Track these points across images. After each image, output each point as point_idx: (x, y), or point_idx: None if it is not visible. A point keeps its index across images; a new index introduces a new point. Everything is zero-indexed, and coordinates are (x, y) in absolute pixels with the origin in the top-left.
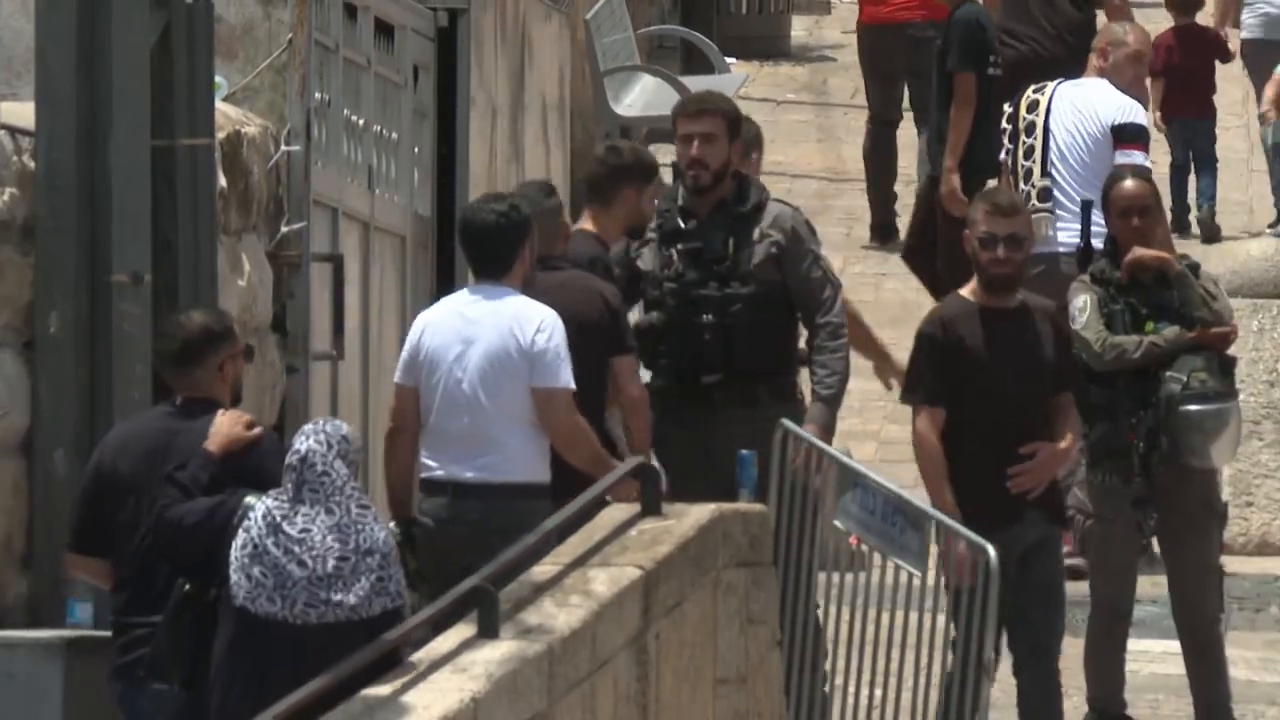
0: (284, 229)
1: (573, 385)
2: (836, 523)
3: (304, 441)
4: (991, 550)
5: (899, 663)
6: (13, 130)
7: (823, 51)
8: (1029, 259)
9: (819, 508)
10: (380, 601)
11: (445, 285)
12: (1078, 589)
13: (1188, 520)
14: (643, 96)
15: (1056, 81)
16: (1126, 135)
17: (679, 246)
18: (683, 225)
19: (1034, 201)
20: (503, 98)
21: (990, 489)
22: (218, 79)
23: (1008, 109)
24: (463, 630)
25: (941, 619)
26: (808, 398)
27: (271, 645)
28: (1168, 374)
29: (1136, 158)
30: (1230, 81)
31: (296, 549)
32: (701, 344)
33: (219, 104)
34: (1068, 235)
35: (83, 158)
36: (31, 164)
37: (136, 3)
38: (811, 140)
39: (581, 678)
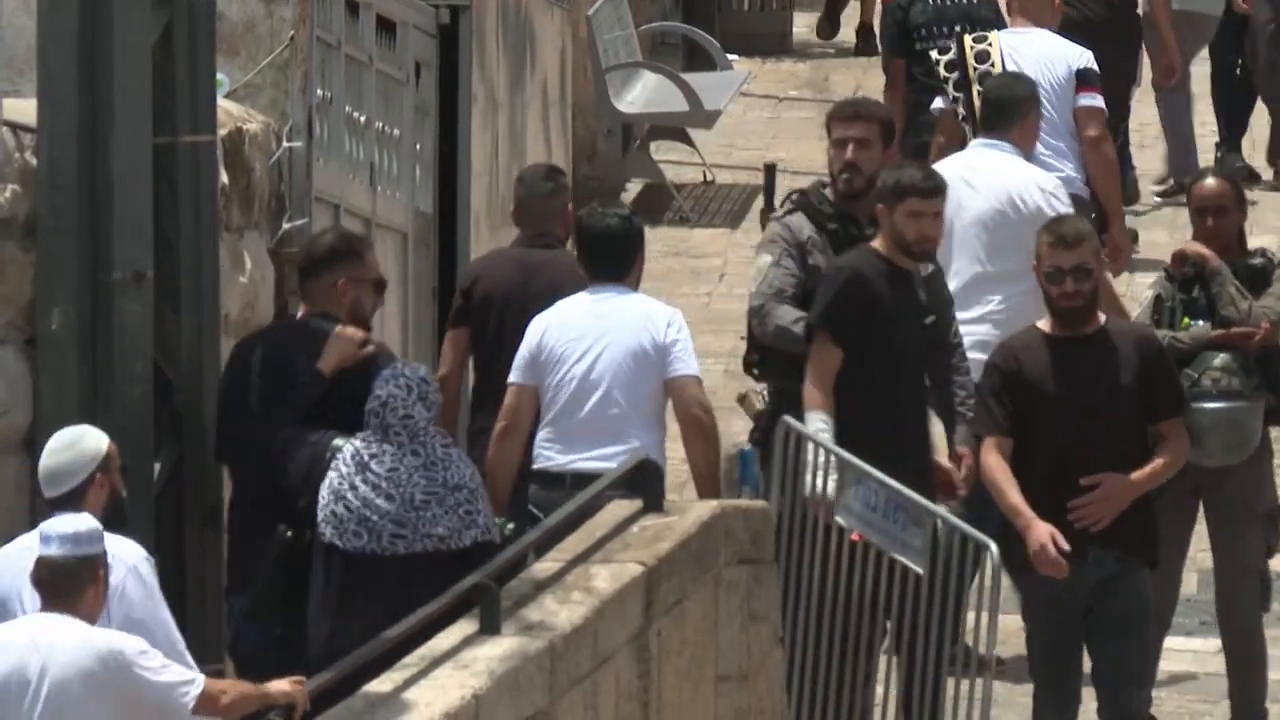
0: (286, 226)
1: (697, 374)
2: (839, 519)
3: (384, 387)
4: (994, 546)
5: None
6: (14, 127)
7: (825, 48)
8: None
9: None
10: (470, 534)
11: (447, 282)
12: None
13: (1223, 518)
14: (644, 93)
15: (993, 32)
16: (1088, 79)
17: None
18: (860, 234)
19: None
20: (504, 94)
21: (1055, 523)
22: (219, 76)
23: (943, 57)
24: (464, 627)
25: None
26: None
27: (363, 580)
28: (1184, 371)
29: (1097, 100)
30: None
31: (384, 484)
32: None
33: (221, 101)
34: (1069, 174)
35: (84, 155)
36: (33, 161)
37: (138, 0)
38: (813, 137)
39: (583, 675)
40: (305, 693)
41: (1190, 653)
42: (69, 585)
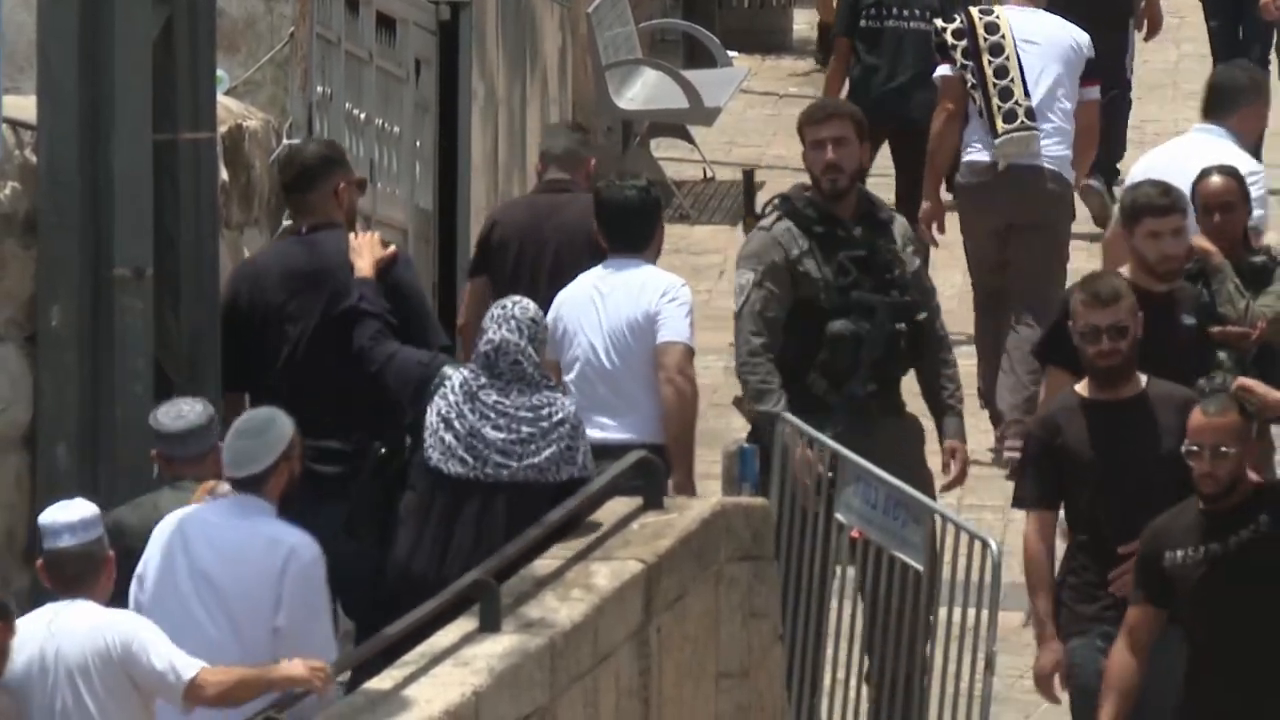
0: (286, 222)
1: (693, 344)
2: (839, 516)
3: (497, 331)
4: (994, 544)
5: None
6: (15, 124)
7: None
8: (1014, 173)
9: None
10: (568, 469)
11: (447, 278)
12: None
13: None
14: (644, 90)
15: (998, 6)
16: (1091, 71)
17: (848, 254)
18: (841, 233)
19: (1022, 119)
20: (504, 91)
21: (1095, 591)
22: (219, 73)
23: (950, 25)
24: (464, 624)
25: (943, 612)
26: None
27: (461, 504)
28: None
29: (1095, 94)
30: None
31: (492, 415)
32: (890, 351)
33: (221, 98)
34: (1051, 146)
35: (85, 152)
36: (33, 158)
37: None
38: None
39: (583, 672)
40: (327, 674)
41: None
42: (81, 573)
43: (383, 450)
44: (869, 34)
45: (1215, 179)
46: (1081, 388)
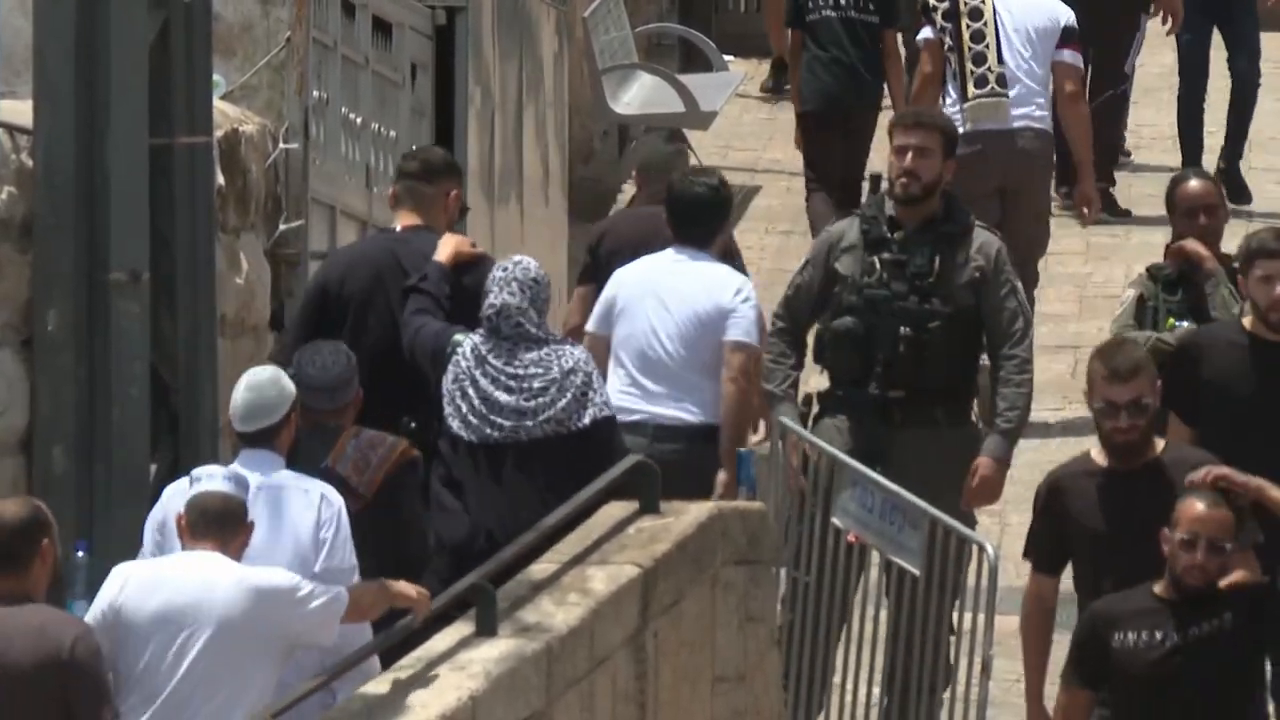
0: (282, 227)
1: (760, 347)
2: (836, 520)
3: (499, 294)
4: (990, 547)
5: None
6: (11, 128)
7: None
8: (985, 138)
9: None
10: (589, 412)
11: None
12: None
13: None
14: (641, 94)
15: None
16: (1070, 36)
17: (883, 256)
18: (889, 235)
19: (993, 85)
20: (500, 96)
21: None
22: (216, 77)
23: None
24: (461, 628)
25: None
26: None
27: (488, 468)
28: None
29: (1077, 58)
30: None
31: (503, 378)
32: (895, 356)
33: (217, 102)
34: (1024, 109)
35: (81, 156)
36: (30, 162)
37: (135, 1)
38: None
39: (580, 676)
40: (427, 599)
41: None
42: (220, 527)
43: (412, 425)
44: (816, 28)
45: (1195, 183)
46: (1097, 454)
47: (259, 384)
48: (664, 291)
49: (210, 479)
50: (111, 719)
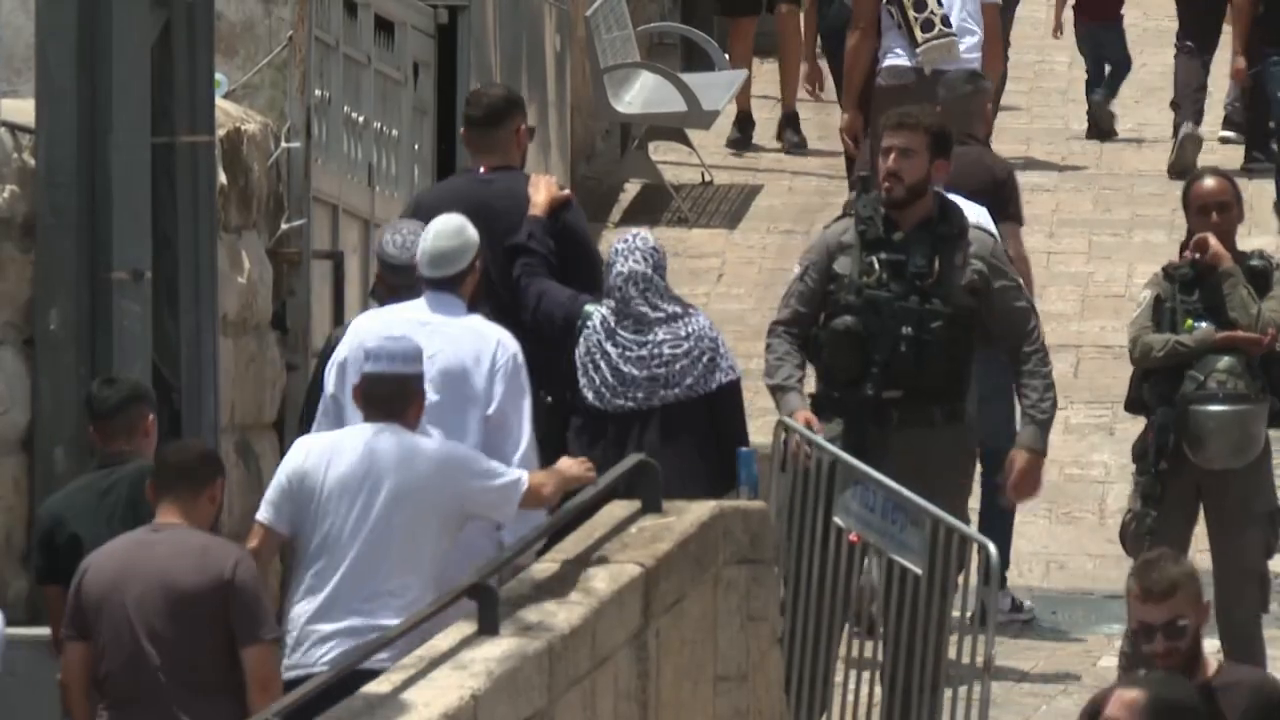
0: (284, 226)
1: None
2: (837, 519)
3: (625, 264)
4: (992, 547)
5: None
6: (13, 127)
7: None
8: (940, 80)
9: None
10: (715, 378)
11: None
12: None
13: (1223, 520)
14: (642, 94)
15: None
16: None
17: (882, 256)
18: (887, 236)
19: (939, 27)
20: None
21: None
22: (218, 76)
23: None
24: (463, 627)
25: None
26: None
27: (621, 434)
28: (1189, 373)
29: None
30: None
31: (632, 350)
32: (895, 356)
33: (219, 101)
34: (967, 51)
35: (83, 155)
36: (32, 161)
37: (137, 0)
38: (812, 137)
39: (582, 675)
40: (593, 471)
41: None
42: (394, 402)
43: (549, 399)
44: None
45: (1209, 181)
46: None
47: (445, 232)
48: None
49: (376, 360)
50: (270, 639)
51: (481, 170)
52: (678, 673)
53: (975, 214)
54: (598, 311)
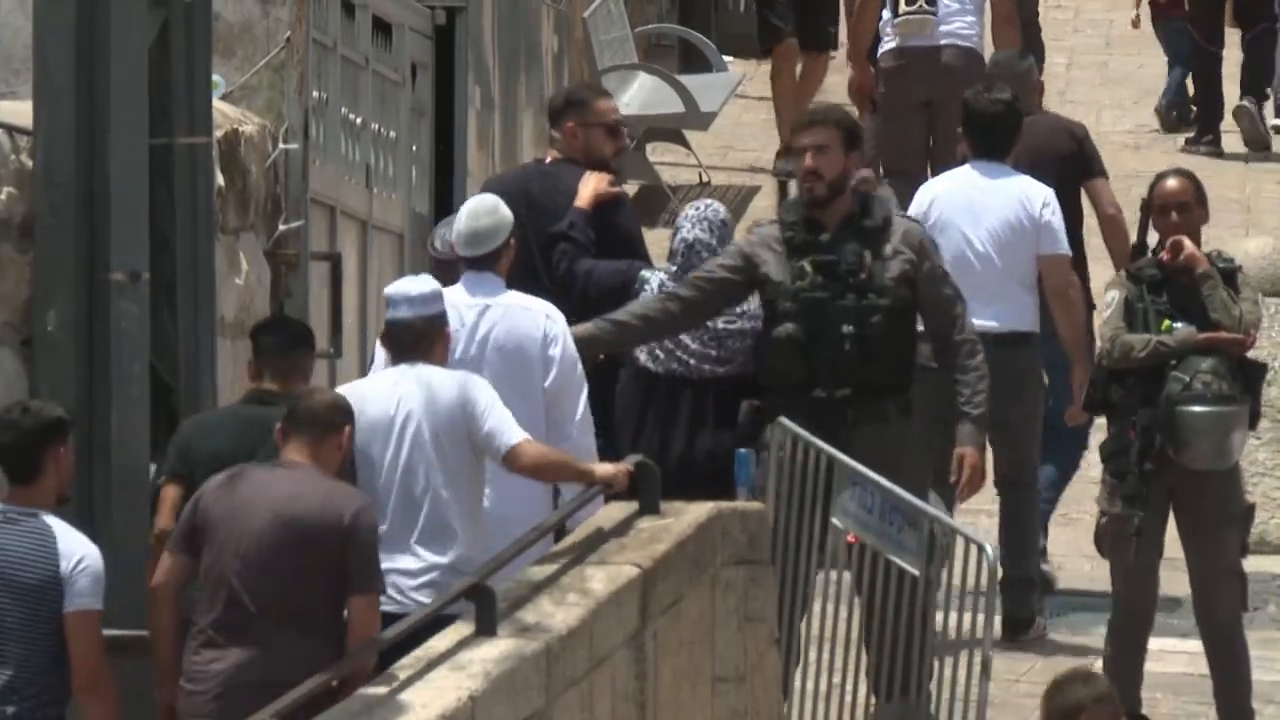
0: (282, 227)
1: (1069, 253)
2: (835, 520)
3: (691, 230)
4: (989, 548)
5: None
6: (10, 129)
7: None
8: (911, 54)
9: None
10: None
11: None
12: None
13: (1201, 521)
14: (640, 95)
15: None
16: None
17: (811, 259)
18: (814, 238)
19: (921, 3)
20: (500, 96)
21: None
22: (216, 77)
23: None
24: (460, 628)
25: (940, 617)
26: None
27: (673, 397)
28: (1172, 374)
29: None
30: None
31: None
32: (840, 355)
33: (217, 102)
34: (947, 29)
35: (81, 156)
36: (29, 162)
37: (135, 1)
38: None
39: (579, 676)
40: (628, 474)
41: (1185, 654)
42: (418, 343)
43: (600, 357)
44: None
45: (1170, 181)
46: None
47: (478, 211)
48: (977, 204)
49: (396, 307)
50: (376, 591)
51: (547, 160)
52: (675, 674)
53: (1043, 193)
54: (655, 275)
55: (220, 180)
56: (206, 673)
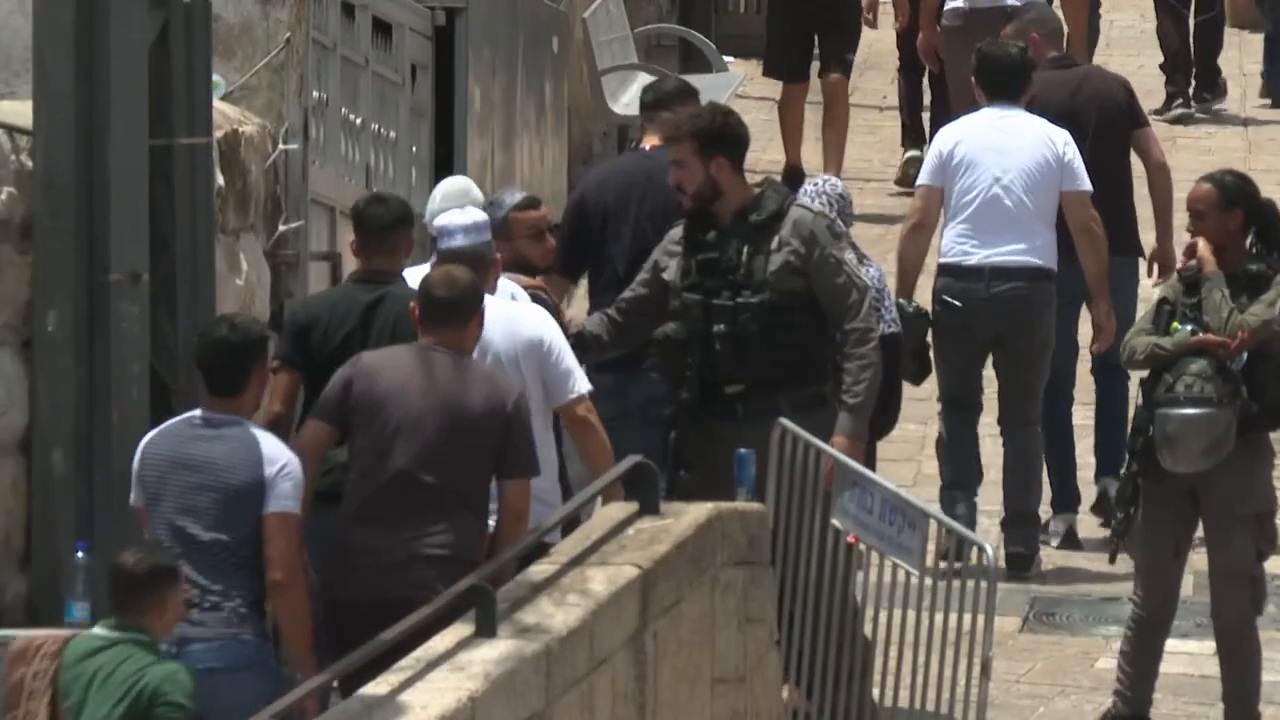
0: (282, 228)
1: (1090, 189)
2: (835, 522)
3: (809, 202)
4: (989, 548)
5: (897, 662)
6: (11, 129)
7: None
8: (974, 15)
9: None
10: (879, 328)
11: None
12: None
13: (1210, 522)
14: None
15: None
16: None
17: (698, 257)
18: (702, 237)
19: None
20: (500, 97)
21: None
22: (216, 78)
23: None
24: (460, 629)
25: (940, 618)
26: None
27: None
28: (1163, 376)
29: None
30: None
31: None
32: (714, 354)
33: (217, 103)
34: None
35: (81, 157)
36: (29, 163)
37: (135, 1)
38: (810, 139)
39: (579, 677)
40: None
41: (1186, 655)
42: (475, 269)
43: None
44: None
45: (1195, 188)
46: None
47: (452, 193)
48: (1002, 145)
49: (451, 235)
50: (530, 476)
51: (648, 147)
52: (675, 674)
53: (1062, 133)
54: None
55: (220, 181)
56: (366, 548)
